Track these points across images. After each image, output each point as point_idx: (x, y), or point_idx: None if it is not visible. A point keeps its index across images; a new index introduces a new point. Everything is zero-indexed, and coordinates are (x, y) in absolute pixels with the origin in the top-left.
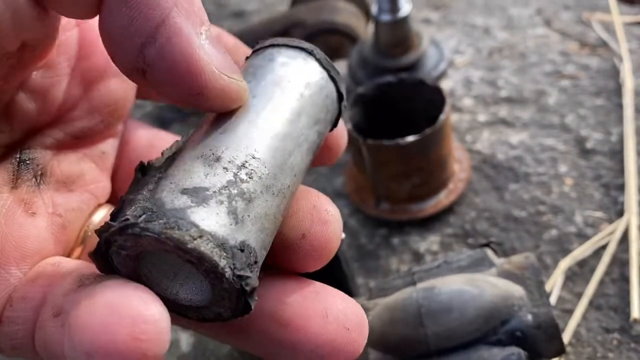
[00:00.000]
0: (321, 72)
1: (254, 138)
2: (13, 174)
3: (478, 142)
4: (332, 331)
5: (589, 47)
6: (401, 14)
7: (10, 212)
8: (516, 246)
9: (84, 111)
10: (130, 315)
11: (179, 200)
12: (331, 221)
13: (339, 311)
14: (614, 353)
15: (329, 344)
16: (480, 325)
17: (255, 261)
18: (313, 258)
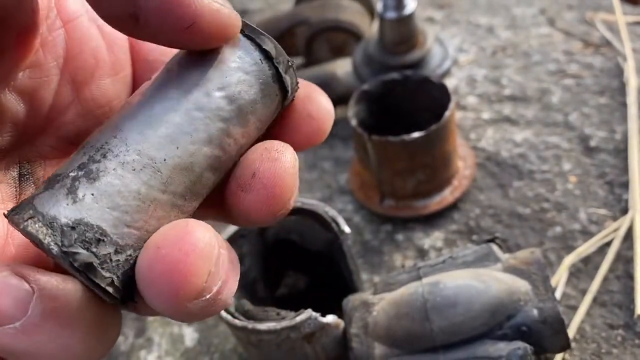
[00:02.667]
0: None
1: (123, 119)
2: (15, 189)
3: (482, 140)
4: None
5: (593, 47)
6: (406, 12)
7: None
8: (520, 243)
9: (77, 114)
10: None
11: (39, 190)
12: (280, 159)
13: None
14: (618, 349)
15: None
16: (486, 320)
17: (98, 238)
18: (265, 196)
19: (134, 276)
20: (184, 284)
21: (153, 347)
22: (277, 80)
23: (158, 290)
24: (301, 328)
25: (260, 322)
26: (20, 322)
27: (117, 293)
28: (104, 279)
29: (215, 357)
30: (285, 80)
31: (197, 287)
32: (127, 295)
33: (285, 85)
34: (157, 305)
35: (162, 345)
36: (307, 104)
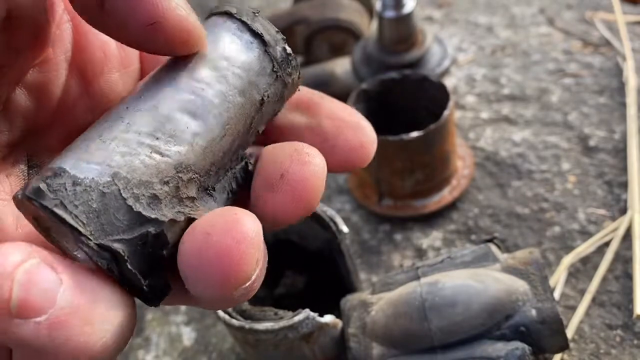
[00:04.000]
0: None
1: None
2: (24, 179)
3: (481, 139)
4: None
5: (592, 46)
6: (405, 11)
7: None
8: (519, 243)
9: (85, 108)
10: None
11: None
12: (311, 162)
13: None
14: (616, 349)
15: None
16: (484, 320)
17: (56, 173)
18: (293, 198)
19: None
20: (236, 272)
21: (151, 347)
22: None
23: (207, 276)
24: (299, 328)
25: (257, 322)
26: (46, 315)
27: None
28: (52, 200)
29: (213, 357)
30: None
31: (247, 274)
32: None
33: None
34: (202, 290)
35: (160, 344)
36: (359, 134)
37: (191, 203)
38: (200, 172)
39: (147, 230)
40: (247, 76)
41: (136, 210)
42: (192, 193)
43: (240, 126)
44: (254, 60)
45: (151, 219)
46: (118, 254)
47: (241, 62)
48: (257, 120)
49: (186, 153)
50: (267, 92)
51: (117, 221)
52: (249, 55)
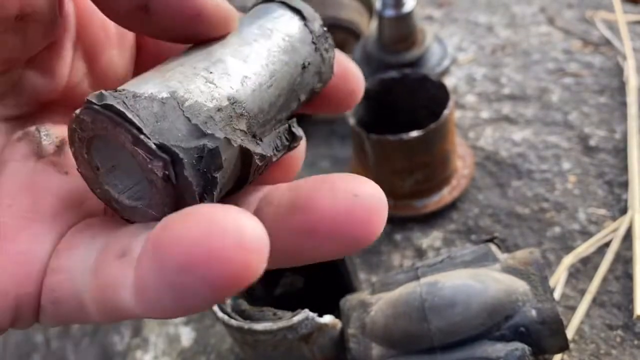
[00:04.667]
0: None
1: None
2: (37, 145)
3: (481, 139)
4: (341, 202)
5: (593, 46)
6: (405, 10)
7: (44, 172)
8: (519, 243)
9: (89, 85)
10: (234, 226)
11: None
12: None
13: (345, 184)
14: (617, 350)
15: (341, 215)
16: (484, 320)
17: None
18: (341, 107)
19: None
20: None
21: (149, 347)
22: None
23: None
24: (298, 328)
25: (256, 322)
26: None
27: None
28: (114, 99)
29: (211, 357)
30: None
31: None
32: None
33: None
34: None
35: (159, 345)
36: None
37: (243, 136)
38: (250, 113)
39: (204, 144)
40: (290, 41)
41: (194, 122)
42: (242, 127)
43: (285, 83)
44: (294, 29)
45: (208, 134)
46: (177, 158)
47: (285, 30)
48: (299, 85)
49: (237, 89)
50: (307, 60)
51: (176, 130)
52: (291, 24)
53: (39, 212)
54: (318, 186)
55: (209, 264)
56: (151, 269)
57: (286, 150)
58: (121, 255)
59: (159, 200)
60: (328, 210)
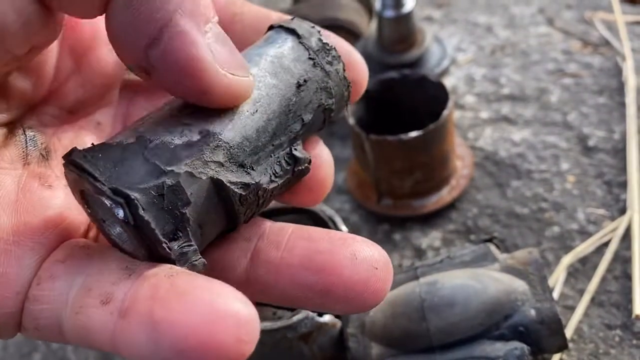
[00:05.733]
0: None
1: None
2: (23, 150)
3: (480, 139)
4: (363, 272)
5: (592, 46)
6: (405, 10)
7: (28, 186)
8: (518, 243)
9: (77, 83)
10: (232, 316)
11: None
12: (322, 165)
13: (366, 253)
14: (615, 349)
15: (360, 284)
16: (483, 320)
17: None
18: (311, 198)
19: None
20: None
21: None
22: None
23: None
24: (298, 328)
25: None
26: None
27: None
28: (78, 153)
29: None
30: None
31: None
32: None
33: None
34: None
35: None
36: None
37: (218, 167)
38: (230, 143)
39: (163, 181)
40: (280, 62)
41: (152, 161)
42: (218, 158)
43: (275, 106)
44: (287, 50)
45: (168, 171)
46: (130, 200)
47: (275, 52)
48: (297, 105)
49: (212, 122)
50: (303, 77)
51: (134, 172)
52: (283, 46)
53: (22, 235)
54: (338, 250)
55: (206, 352)
56: (145, 339)
57: (290, 175)
58: (103, 302)
59: (129, 240)
60: (348, 278)
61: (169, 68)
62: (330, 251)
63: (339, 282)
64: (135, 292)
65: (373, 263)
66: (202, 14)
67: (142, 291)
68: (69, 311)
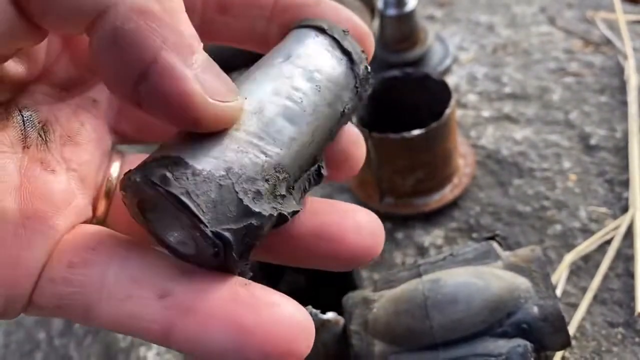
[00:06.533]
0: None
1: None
2: (21, 132)
3: (482, 138)
4: (366, 239)
5: (593, 45)
6: (407, 9)
7: (31, 171)
8: (520, 241)
9: (67, 61)
10: (306, 328)
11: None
12: (358, 142)
13: (367, 224)
14: (618, 347)
15: (364, 250)
16: (486, 317)
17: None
18: (351, 173)
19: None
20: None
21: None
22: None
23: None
24: None
25: None
26: None
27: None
28: (178, 188)
29: None
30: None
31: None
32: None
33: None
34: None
35: None
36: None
37: (282, 200)
38: (290, 173)
39: (250, 222)
40: (335, 89)
41: (245, 203)
42: (283, 191)
43: (325, 134)
44: (341, 76)
45: (255, 212)
46: (228, 243)
47: (332, 76)
48: (335, 130)
49: (284, 155)
50: (347, 106)
51: (229, 212)
52: (338, 70)
53: (31, 218)
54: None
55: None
56: (226, 340)
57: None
58: (160, 296)
59: (204, 261)
60: (354, 244)
61: (158, 103)
62: (337, 222)
63: (347, 250)
64: (206, 293)
65: (371, 229)
66: (187, 45)
67: (218, 294)
68: (112, 298)
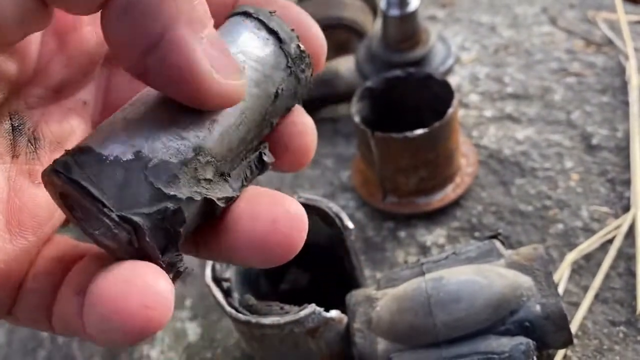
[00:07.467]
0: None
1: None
2: (10, 141)
3: (485, 138)
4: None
5: (595, 45)
6: (410, 9)
7: (19, 184)
8: (522, 240)
9: (61, 63)
10: (141, 287)
11: None
12: (307, 132)
13: (296, 209)
14: (620, 346)
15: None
16: (489, 315)
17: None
18: (295, 164)
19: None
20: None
21: (156, 342)
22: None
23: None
24: (305, 323)
25: (264, 316)
26: None
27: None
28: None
29: (218, 352)
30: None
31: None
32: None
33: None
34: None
35: (165, 340)
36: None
37: (208, 185)
38: (217, 157)
39: (165, 206)
40: (263, 69)
41: (156, 186)
42: (209, 175)
43: (256, 116)
44: (269, 55)
45: (170, 195)
46: (138, 227)
47: (257, 57)
48: (271, 113)
49: (204, 138)
50: (281, 86)
51: (139, 196)
52: (265, 50)
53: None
54: (241, 210)
55: (120, 318)
56: (87, 314)
57: (256, 177)
58: (77, 292)
59: (126, 252)
60: (248, 235)
61: (165, 74)
62: (235, 214)
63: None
64: (97, 279)
65: (272, 215)
66: (199, 20)
67: (102, 278)
68: (57, 305)
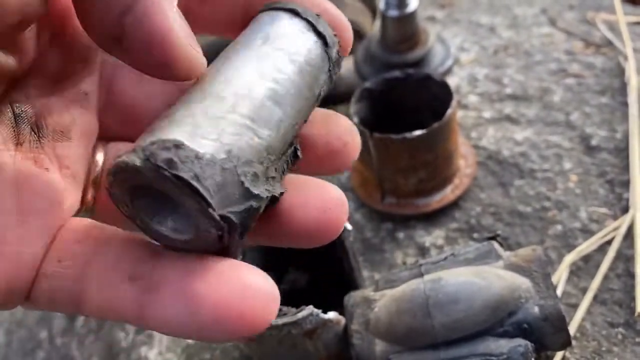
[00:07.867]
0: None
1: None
2: (13, 129)
3: (483, 139)
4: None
5: (594, 46)
6: (408, 10)
7: (26, 169)
8: (521, 241)
9: (58, 53)
10: (265, 293)
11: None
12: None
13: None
14: (618, 347)
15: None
16: (487, 317)
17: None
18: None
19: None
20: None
21: (154, 343)
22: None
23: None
24: (303, 324)
25: None
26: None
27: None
28: (187, 172)
29: (216, 353)
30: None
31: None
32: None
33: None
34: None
35: (163, 341)
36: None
37: (272, 182)
38: (277, 155)
39: (251, 205)
40: (313, 72)
41: (246, 186)
42: (273, 173)
43: (305, 117)
44: (317, 58)
45: (255, 194)
46: (233, 225)
47: (310, 59)
48: (311, 112)
49: (274, 137)
50: (323, 88)
51: (232, 195)
52: (315, 53)
53: (29, 216)
54: (292, 199)
55: (240, 323)
56: (180, 312)
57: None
58: (132, 279)
59: (199, 246)
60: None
61: (141, 36)
62: (320, 198)
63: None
64: (164, 269)
65: (344, 202)
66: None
67: (175, 270)
68: (93, 288)
